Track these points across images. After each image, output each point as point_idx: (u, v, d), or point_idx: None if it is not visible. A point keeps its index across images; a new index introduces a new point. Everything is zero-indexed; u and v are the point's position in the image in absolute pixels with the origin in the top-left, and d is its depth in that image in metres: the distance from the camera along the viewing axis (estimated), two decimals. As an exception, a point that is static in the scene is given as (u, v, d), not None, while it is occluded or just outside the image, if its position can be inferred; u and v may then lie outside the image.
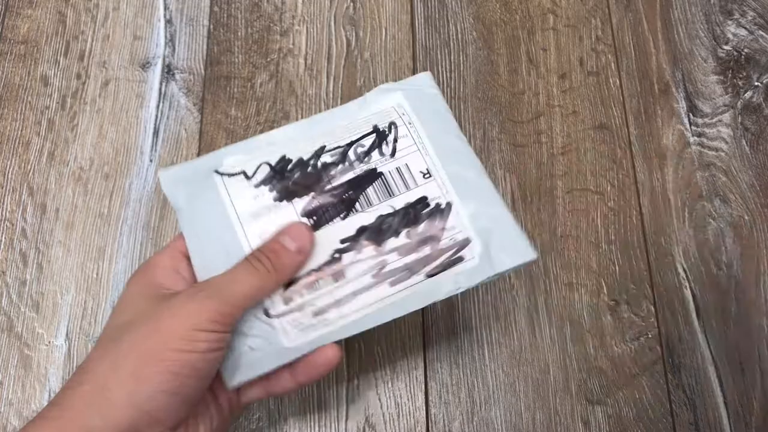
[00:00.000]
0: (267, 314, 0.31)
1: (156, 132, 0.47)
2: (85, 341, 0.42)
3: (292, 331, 0.31)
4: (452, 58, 0.50)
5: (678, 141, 0.49)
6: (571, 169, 0.48)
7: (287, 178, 0.34)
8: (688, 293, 0.45)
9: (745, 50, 0.51)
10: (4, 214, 0.45)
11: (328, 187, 0.33)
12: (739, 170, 0.48)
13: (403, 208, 0.33)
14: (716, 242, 0.46)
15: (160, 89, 0.49)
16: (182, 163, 0.35)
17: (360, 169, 0.34)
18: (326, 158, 0.34)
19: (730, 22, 0.52)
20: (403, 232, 0.33)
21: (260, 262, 0.30)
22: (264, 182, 0.34)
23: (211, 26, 0.51)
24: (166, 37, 0.50)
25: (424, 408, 0.42)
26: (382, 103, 0.36)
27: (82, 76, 0.49)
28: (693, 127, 0.49)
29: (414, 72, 0.50)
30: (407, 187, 0.34)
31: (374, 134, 0.35)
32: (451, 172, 0.34)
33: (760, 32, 0.52)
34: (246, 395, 0.33)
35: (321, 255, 0.32)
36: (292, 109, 0.48)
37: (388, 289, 0.32)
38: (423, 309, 0.44)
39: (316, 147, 0.34)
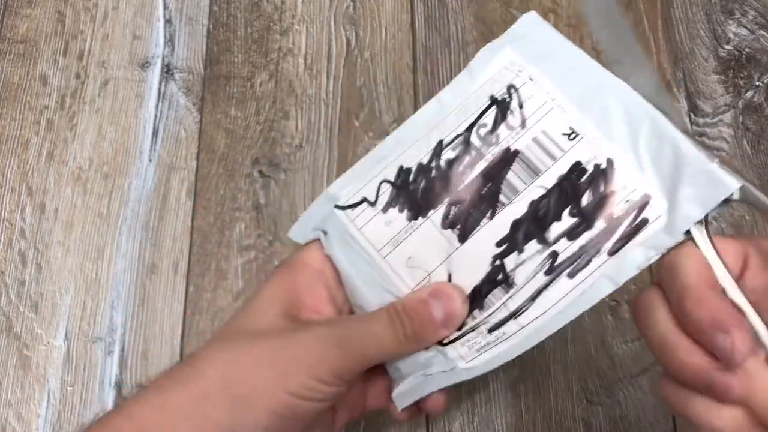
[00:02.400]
0: (441, 343, 0.29)
1: (155, 132, 0.47)
2: (84, 341, 0.42)
3: (468, 354, 0.28)
4: (452, 57, 0.50)
5: (679, 141, 0.49)
6: (571, 169, 0.48)
7: (413, 191, 0.29)
8: (688, 293, 0.45)
9: (746, 50, 0.51)
10: (2, 214, 0.45)
11: (461, 186, 0.28)
12: (740, 170, 0.48)
13: (556, 185, 0.27)
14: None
15: (160, 89, 0.48)
16: (301, 217, 0.31)
17: (490, 153, 0.28)
18: (448, 154, 0.29)
19: (731, 22, 0.52)
20: (566, 212, 0.27)
21: (401, 324, 0.27)
22: (391, 203, 0.29)
23: (211, 26, 0.50)
24: (165, 36, 0.50)
25: (424, 408, 0.41)
26: (492, 67, 0.30)
27: (81, 75, 0.49)
28: (694, 127, 0.49)
29: (414, 72, 0.50)
30: (553, 158, 0.28)
31: (494, 106, 0.29)
32: (598, 118, 0.27)
33: (761, 32, 0.52)
34: (371, 403, 0.32)
35: (480, 267, 0.28)
36: (292, 108, 0.48)
37: (567, 282, 0.27)
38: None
39: (433, 145, 0.29)
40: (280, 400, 0.26)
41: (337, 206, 0.30)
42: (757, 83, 0.50)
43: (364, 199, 0.30)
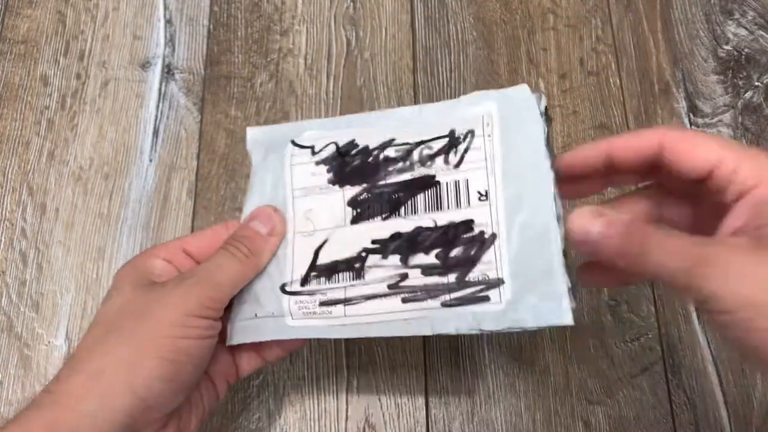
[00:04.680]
0: (283, 289, 0.32)
1: (156, 132, 0.47)
2: (84, 341, 0.42)
3: (296, 313, 0.32)
4: (452, 58, 0.50)
5: (678, 141, 0.49)
6: (571, 169, 0.48)
7: (347, 163, 0.33)
8: (688, 293, 0.45)
9: (746, 50, 0.51)
10: (3, 213, 0.45)
11: (381, 182, 0.32)
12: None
13: (444, 226, 0.31)
14: (716, 242, 0.46)
15: (160, 89, 0.48)
16: (269, 126, 0.36)
17: (419, 172, 0.32)
18: (390, 152, 0.32)
19: (730, 22, 0.52)
20: (435, 252, 0.30)
21: (237, 249, 0.31)
22: (325, 161, 0.33)
23: (211, 26, 0.51)
24: (165, 37, 0.50)
25: (424, 408, 0.42)
26: (474, 109, 0.32)
27: (82, 75, 0.49)
28: (693, 127, 0.49)
29: (414, 72, 0.50)
30: (458, 205, 0.31)
31: (447, 138, 0.32)
32: (510, 199, 0.30)
33: (761, 32, 0.52)
34: (243, 367, 0.34)
35: (349, 249, 0.32)
36: (292, 108, 0.48)
37: (398, 304, 0.31)
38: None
39: (385, 139, 0.33)
40: (162, 345, 0.28)
41: (293, 141, 0.35)
42: (757, 83, 0.50)
43: (312, 147, 0.34)
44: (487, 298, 0.29)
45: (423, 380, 0.42)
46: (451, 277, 0.30)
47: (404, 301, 0.31)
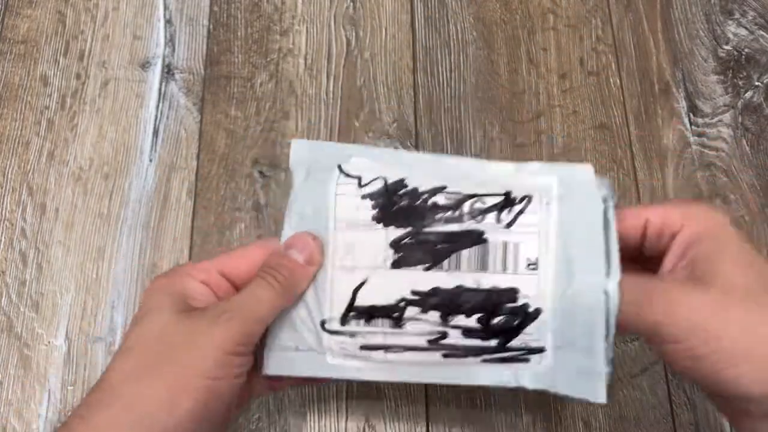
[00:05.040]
0: (323, 326, 0.32)
1: (156, 132, 0.47)
2: (84, 341, 0.42)
3: (336, 352, 0.32)
4: (452, 58, 0.50)
5: (678, 141, 0.49)
6: (571, 169, 0.48)
7: (394, 203, 0.32)
8: (688, 293, 0.45)
9: (746, 50, 0.51)
10: (3, 213, 0.45)
11: (427, 230, 0.31)
12: (740, 170, 0.48)
13: (487, 290, 0.30)
14: (716, 242, 0.46)
15: (160, 89, 0.48)
16: (315, 142, 0.35)
17: (467, 225, 0.31)
18: (440, 198, 0.31)
19: (730, 22, 0.52)
20: (476, 316, 0.30)
21: (275, 279, 0.31)
22: (371, 196, 0.32)
23: (211, 26, 0.51)
24: (165, 37, 0.50)
25: (424, 408, 0.42)
26: (533, 179, 0.31)
27: (82, 75, 0.49)
28: (693, 127, 0.49)
29: (414, 72, 0.50)
30: (504, 269, 0.30)
31: (502, 197, 0.31)
32: (560, 272, 0.29)
33: (761, 32, 0.52)
34: (256, 390, 0.34)
35: (388, 296, 0.31)
36: (292, 108, 0.48)
37: (439, 358, 0.31)
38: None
39: (436, 185, 0.31)
40: (200, 386, 0.28)
41: (339, 167, 0.33)
42: (757, 83, 0.50)
43: (359, 178, 0.32)
44: (527, 360, 0.30)
45: (423, 380, 0.42)
46: (493, 342, 0.30)
47: (445, 356, 0.31)
